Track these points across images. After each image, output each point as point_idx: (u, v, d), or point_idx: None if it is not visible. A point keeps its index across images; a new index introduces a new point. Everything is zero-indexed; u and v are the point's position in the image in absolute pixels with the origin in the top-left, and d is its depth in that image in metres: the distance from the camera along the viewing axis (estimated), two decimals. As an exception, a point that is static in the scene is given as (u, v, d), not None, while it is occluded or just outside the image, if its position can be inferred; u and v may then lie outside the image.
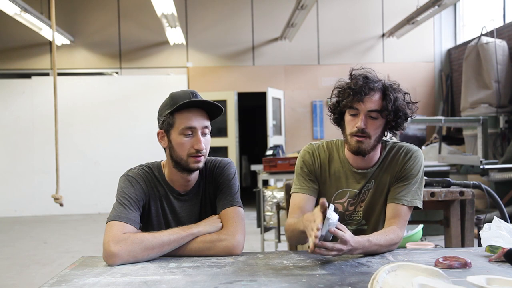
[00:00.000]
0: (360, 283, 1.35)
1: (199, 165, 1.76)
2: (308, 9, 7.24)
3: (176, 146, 1.76)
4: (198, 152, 1.74)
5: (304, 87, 9.31)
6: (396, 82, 1.87)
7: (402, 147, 1.91)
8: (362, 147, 1.80)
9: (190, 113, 1.74)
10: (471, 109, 7.25)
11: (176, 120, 1.74)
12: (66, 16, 8.85)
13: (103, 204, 8.57)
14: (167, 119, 1.76)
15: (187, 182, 1.83)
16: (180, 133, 1.74)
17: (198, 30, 9.26)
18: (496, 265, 1.52)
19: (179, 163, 1.76)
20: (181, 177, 1.81)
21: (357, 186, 1.90)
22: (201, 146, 1.73)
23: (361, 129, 1.78)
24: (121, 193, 1.76)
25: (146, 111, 8.85)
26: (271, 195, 4.93)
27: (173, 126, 1.75)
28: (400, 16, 8.67)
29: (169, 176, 1.84)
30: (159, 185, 1.83)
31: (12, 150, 8.71)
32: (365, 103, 1.78)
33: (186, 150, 1.74)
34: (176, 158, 1.76)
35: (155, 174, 1.85)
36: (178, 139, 1.75)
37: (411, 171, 1.86)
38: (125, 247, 1.59)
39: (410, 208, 1.84)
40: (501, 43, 7.08)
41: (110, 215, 1.70)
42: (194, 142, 1.74)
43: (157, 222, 1.83)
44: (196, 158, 1.74)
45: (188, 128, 1.74)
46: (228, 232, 1.72)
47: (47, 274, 4.52)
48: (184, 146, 1.74)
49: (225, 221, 1.76)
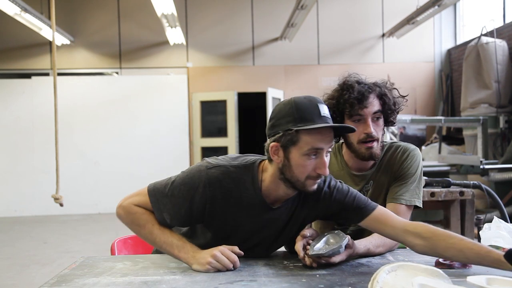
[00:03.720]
0: (360, 283, 1.35)
1: (315, 188, 1.56)
2: (308, 9, 7.24)
3: (295, 166, 1.51)
4: (319, 177, 1.54)
5: (304, 87, 9.31)
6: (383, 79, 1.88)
7: (400, 147, 1.91)
8: (373, 151, 1.81)
9: (319, 134, 1.49)
10: (471, 109, 7.25)
11: (302, 137, 1.49)
12: (66, 16, 8.85)
13: (103, 204, 8.57)
14: (290, 135, 1.49)
15: (287, 196, 1.61)
16: (304, 154, 1.50)
17: (198, 30, 9.26)
18: (496, 265, 1.52)
19: (293, 183, 1.54)
20: (282, 190, 1.58)
21: (356, 188, 1.90)
22: (325, 171, 1.51)
23: (371, 133, 1.78)
24: (180, 184, 1.58)
25: (146, 111, 8.86)
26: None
27: (296, 144, 1.49)
28: (400, 16, 8.67)
29: (268, 186, 1.58)
30: (243, 187, 1.58)
31: (12, 150, 8.71)
32: (368, 107, 1.78)
33: (307, 172, 1.52)
34: (291, 178, 1.53)
35: (243, 178, 1.59)
36: (300, 160, 1.50)
37: (409, 170, 1.86)
38: (129, 213, 1.62)
39: (409, 207, 1.84)
40: (501, 43, 7.08)
41: (155, 189, 1.60)
42: (319, 165, 1.51)
43: (225, 225, 1.62)
44: (315, 181, 1.54)
45: (315, 149, 1.50)
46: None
47: (47, 274, 4.51)
48: (307, 168, 1.51)
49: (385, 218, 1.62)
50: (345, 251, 1.54)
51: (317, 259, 1.51)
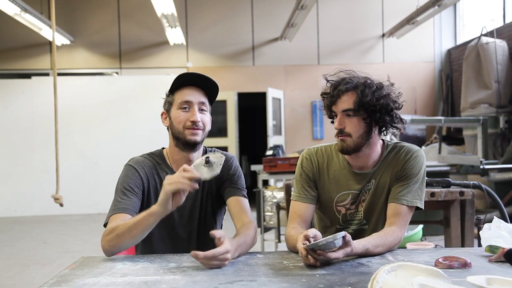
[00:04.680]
0: (360, 283, 1.35)
1: (196, 138, 1.82)
2: (308, 9, 7.24)
3: (174, 120, 1.84)
4: (194, 125, 1.81)
5: (304, 87, 9.31)
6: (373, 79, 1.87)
7: (403, 147, 1.92)
8: (344, 145, 1.85)
9: (187, 89, 1.85)
10: (471, 109, 7.25)
11: (175, 97, 1.86)
12: (66, 16, 8.85)
13: (103, 204, 8.56)
14: (168, 99, 1.88)
15: (189, 162, 1.86)
16: (177, 108, 1.84)
17: (198, 30, 9.26)
18: (496, 265, 1.52)
19: (178, 137, 1.84)
20: (182, 155, 1.88)
21: (357, 186, 1.91)
22: (196, 118, 1.80)
23: (339, 129, 1.84)
24: (119, 183, 1.84)
25: (146, 111, 8.85)
26: (271, 195, 4.92)
27: (173, 104, 1.86)
28: (400, 16, 8.67)
29: (172, 158, 1.91)
30: (160, 170, 1.89)
31: (12, 150, 8.71)
32: (338, 105, 1.84)
33: (182, 122, 1.82)
34: (175, 132, 1.85)
35: (157, 161, 1.92)
36: (176, 114, 1.84)
37: (412, 170, 1.86)
38: (105, 239, 1.67)
39: (410, 208, 1.84)
40: (501, 43, 7.08)
41: (110, 209, 1.78)
42: (190, 115, 1.81)
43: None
44: (192, 130, 1.81)
45: (185, 102, 1.83)
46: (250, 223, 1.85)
47: (47, 274, 4.51)
48: (181, 119, 1.82)
49: (238, 209, 1.87)
50: (342, 249, 1.53)
51: (314, 253, 1.51)
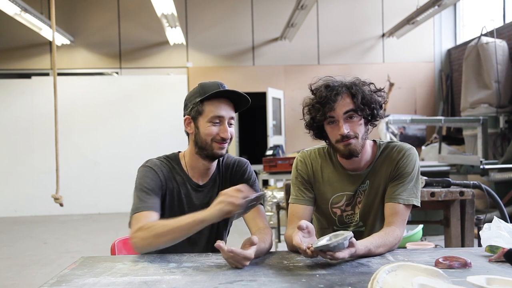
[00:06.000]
0: (360, 283, 1.35)
1: (222, 152, 1.87)
2: (308, 9, 7.24)
3: (202, 132, 1.85)
4: (223, 140, 1.84)
5: (304, 87, 9.20)
6: (357, 77, 1.88)
7: (395, 146, 1.91)
8: (352, 148, 1.81)
9: (219, 103, 1.84)
10: (471, 109, 7.25)
11: (206, 108, 1.84)
12: (66, 16, 8.85)
13: (103, 204, 8.58)
14: (197, 107, 1.85)
15: (207, 171, 1.93)
16: (208, 121, 1.84)
17: (198, 30, 9.26)
18: (496, 265, 1.52)
19: (204, 148, 1.86)
20: (202, 164, 1.91)
21: (352, 188, 1.90)
22: (227, 135, 1.84)
23: (344, 134, 1.79)
24: (140, 183, 1.83)
25: (146, 111, 8.86)
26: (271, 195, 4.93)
27: (202, 114, 1.85)
28: (400, 16, 8.67)
29: (190, 164, 1.93)
30: (177, 175, 1.92)
31: (12, 150, 8.71)
32: (337, 109, 1.80)
33: (212, 136, 1.84)
34: (201, 143, 1.86)
35: (172, 165, 1.93)
36: (206, 126, 1.84)
37: (405, 169, 1.86)
38: (138, 236, 1.68)
39: (407, 207, 1.84)
40: (501, 43, 7.08)
41: (133, 207, 1.78)
42: (221, 130, 1.84)
43: (173, 212, 1.86)
44: (220, 144, 1.85)
45: (217, 117, 1.83)
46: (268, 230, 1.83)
47: (47, 274, 4.52)
48: (212, 134, 1.84)
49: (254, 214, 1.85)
50: (348, 249, 1.52)
51: (322, 253, 1.50)
